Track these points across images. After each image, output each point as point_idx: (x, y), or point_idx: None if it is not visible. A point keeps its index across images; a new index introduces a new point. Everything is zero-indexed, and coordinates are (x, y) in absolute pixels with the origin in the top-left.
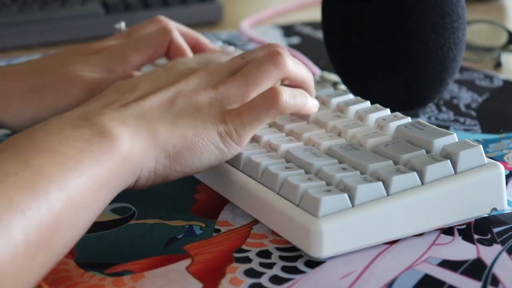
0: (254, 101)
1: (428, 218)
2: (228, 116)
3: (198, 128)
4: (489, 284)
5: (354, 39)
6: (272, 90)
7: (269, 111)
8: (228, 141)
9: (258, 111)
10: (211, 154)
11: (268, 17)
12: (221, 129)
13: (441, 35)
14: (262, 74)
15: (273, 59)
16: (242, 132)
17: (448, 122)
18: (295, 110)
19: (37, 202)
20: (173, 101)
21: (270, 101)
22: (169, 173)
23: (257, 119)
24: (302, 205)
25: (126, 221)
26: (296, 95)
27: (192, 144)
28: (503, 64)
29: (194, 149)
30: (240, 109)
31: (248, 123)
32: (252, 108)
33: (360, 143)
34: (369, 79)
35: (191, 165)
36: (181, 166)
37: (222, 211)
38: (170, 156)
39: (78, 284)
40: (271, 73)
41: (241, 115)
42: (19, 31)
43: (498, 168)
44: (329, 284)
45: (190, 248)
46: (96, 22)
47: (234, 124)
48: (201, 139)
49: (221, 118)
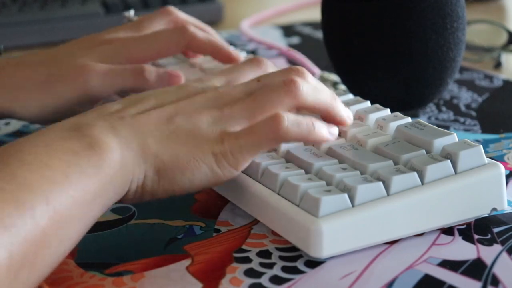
0: (256, 125)
1: (428, 218)
2: (227, 137)
3: (191, 147)
4: (489, 284)
5: (354, 39)
6: (275, 115)
7: (269, 136)
8: (223, 163)
9: (257, 135)
10: (203, 176)
11: (268, 17)
12: (216, 150)
13: (441, 35)
14: (272, 101)
15: (287, 86)
16: (239, 155)
17: (448, 122)
18: (299, 138)
19: (23, 218)
20: (172, 118)
21: (271, 126)
22: (157, 190)
23: (256, 144)
24: (302, 205)
25: (126, 221)
26: (301, 122)
27: (183, 162)
28: (503, 64)
29: (185, 168)
30: (239, 132)
31: (245, 147)
32: (252, 131)
33: (360, 143)
34: (369, 79)
35: (180, 184)
36: (170, 184)
37: (222, 211)
38: (159, 172)
39: (78, 284)
40: (281, 100)
41: (239, 137)
42: (19, 31)
43: (498, 168)
44: (329, 284)
45: (190, 248)
46: (96, 22)
47: (231, 145)
48: (193, 158)
49: (219, 138)
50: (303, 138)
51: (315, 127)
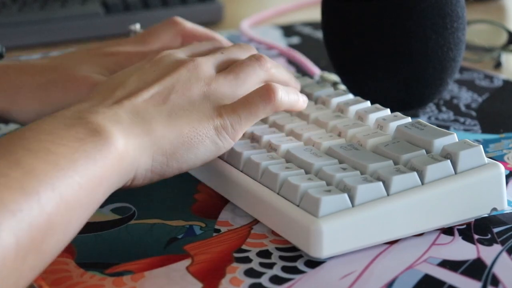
0: (250, 96)
1: (428, 218)
2: (224, 110)
3: (193, 123)
4: (489, 284)
5: (354, 39)
6: (269, 86)
7: (266, 106)
8: (223, 135)
9: (254, 106)
10: (206, 149)
11: (268, 17)
12: (217, 123)
13: (441, 35)
14: (251, 74)
15: (259, 61)
16: (238, 126)
17: (448, 122)
18: (289, 106)
19: (29, 203)
20: (166, 97)
21: (268, 97)
22: (166, 170)
23: (254, 114)
24: (302, 205)
25: (126, 221)
26: (290, 92)
27: (189, 139)
28: (503, 64)
29: (191, 144)
30: (236, 104)
31: (244, 118)
32: (249, 103)
33: (360, 143)
34: (369, 79)
35: (187, 161)
36: (178, 163)
37: (222, 211)
38: (167, 153)
39: (78, 284)
40: (258, 73)
41: (237, 109)
42: (19, 31)
43: (498, 168)
44: (329, 284)
45: (190, 248)
46: (96, 22)
47: (230, 118)
48: (197, 134)
49: (216, 112)
50: (291, 106)
51: (299, 95)
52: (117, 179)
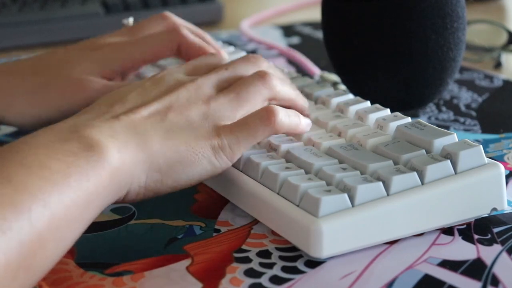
0: (249, 118)
1: (428, 218)
2: (222, 131)
3: (190, 142)
4: (489, 284)
5: (354, 39)
6: (269, 109)
7: (265, 129)
8: (220, 155)
9: (253, 129)
10: (202, 169)
11: (268, 17)
12: (214, 143)
13: (441, 35)
14: (253, 93)
15: (263, 79)
16: (236, 147)
17: (448, 122)
18: (289, 129)
19: (19, 221)
20: (165, 115)
21: (267, 119)
22: (160, 188)
23: (252, 135)
24: (302, 205)
25: (126, 221)
26: (291, 115)
27: (185, 158)
28: (503, 64)
29: (186, 163)
30: (235, 125)
31: (242, 139)
32: (248, 124)
33: (360, 143)
34: (369, 79)
35: (182, 179)
36: (172, 181)
37: (222, 211)
38: (162, 170)
39: (78, 284)
40: (261, 92)
41: (235, 131)
42: (19, 31)
43: (498, 168)
44: (329, 284)
45: (190, 248)
46: (96, 22)
47: (228, 139)
48: (193, 153)
49: (214, 132)
50: (293, 129)
51: (300, 119)
52: (110, 195)
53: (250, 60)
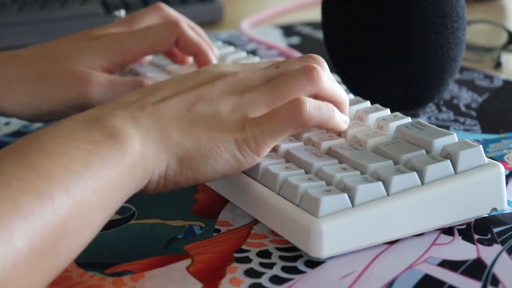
0: (276, 110)
1: (428, 218)
2: (248, 123)
3: (213, 134)
4: (489, 284)
5: (354, 39)
6: (296, 100)
7: (292, 121)
8: (245, 149)
9: (279, 121)
10: (225, 163)
11: (268, 17)
12: (238, 136)
13: (441, 35)
14: (293, 87)
15: (308, 73)
16: (261, 140)
17: (448, 122)
18: (320, 123)
19: (42, 207)
20: (193, 105)
21: (293, 111)
22: (180, 179)
23: (278, 129)
24: (302, 205)
25: (126, 221)
26: (322, 107)
27: (206, 150)
28: (503, 64)
29: (208, 155)
30: (261, 117)
31: (268, 132)
32: (274, 117)
33: (360, 143)
34: (369, 79)
35: (203, 172)
36: (193, 173)
37: (222, 211)
38: (182, 161)
39: (78, 284)
40: (302, 87)
41: (261, 123)
42: (19, 31)
43: (498, 168)
44: (329, 284)
45: (190, 248)
46: (96, 22)
47: (253, 131)
48: (215, 145)
49: (240, 125)
50: (324, 124)
51: (335, 114)
52: (133, 184)
53: (307, 59)
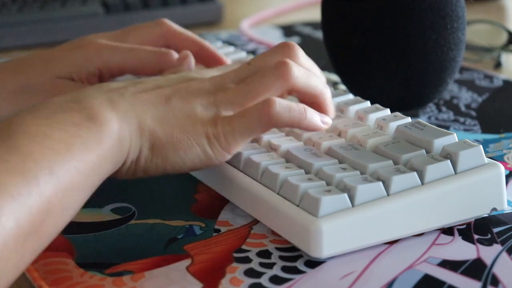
0: (248, 109)
1: (428, 218)
2: (220, 120)
3: (186, 127)
4: (489, 284)
5: (354, 39)
6: (266, 100)
7: (261, 120)
8: (215, 145)
9: (250, 120)
10: (195, 156)
11: (268, 17)
12: (209, 131)
13: (441, 35)
14: (264, 85)
15: (277, 70)
16: (231, 138)
17: (448, 122)
18: (290, 123)
19: (28, 187)
20: (170, 98)
21: (262, 110)
22: (149, 166)
23: (248, 127)
24: (302, 205)
25: (126, 221)
26: (293, 108)
27: (177, 140)
28: (503, 64)
29: (178, 146)
30: (233, 115)
31: (238, 130)
32: (245, 115)
33: (360, 143)
34: (369, 79)
35: (172, 163)
36: (163, 162)
37: (222, 211)
38: (154, 148)
39: (78, 284)
40: (273, 84)
41: (232, 121)
42: (19, 31)
43: (498, 168)
44: (329, 284)
45: (190, 248)
46: (96, 22)
47: (224, 128)
48: (186, 137)
49: (212, 121)
50: (295, 124)
51: (307, 114)
52: (110, 166)
53: (277, 52)
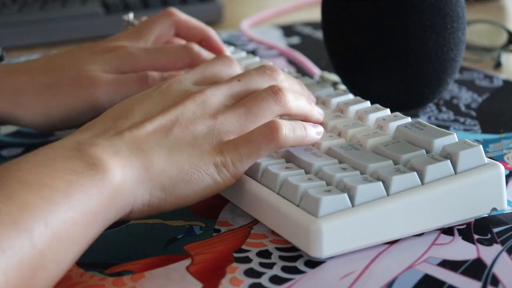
0: (253, 134)
1: (428, 218)
2: (225, 147)
3: (194, 160)
4: (489, 284)
5: (354, 39)
6: (272, 124)
7: (268, 145)
8: (224, 172)
9: (257, 145)
10: (206, 186)
11: (268, 17)
12: (217, 160)
13: (441, 35)
14: (263, 109)
15: (276, 95)
16: (239, 164)
17: (448, 122)
18: (296, 143)
19: (20, 240)
20: (169, 130)
21: (270, 135)
22: (163, 206)
23: (255, 152)
24: (302, 205)
25: (126, 221)
26: (296, 128)
27: (189, 176)
28: (503, 64)
29: (190, 181)
30: (237, 141)
31: (245, 156)
32: (251, 141)
33: (360, 143)
34: (369, 79)
35: (185, 197)
36: (176, 199)
37: (222, 211)
38: (166, 188)
39: (78, 284)
40: (272, 108)
41: (238, 147)
42: (19, 31)
43: (498, 168)
44: (329, 284)
45: (190, 248)
46: (96, 22)
47: (231, 155)
48: (197, 171)
49: (218, 149)
50: (299, 143)
51: (307, 131)
52: (113, 213)
53: (265, 72)
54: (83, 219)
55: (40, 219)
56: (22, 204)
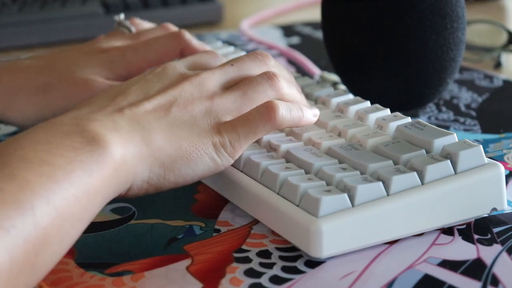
0: (250, 114)
1: (428, 218)
2: (223, 127)
3: (193, 138)
4: (489, 284)
5: (354, 39)
6: (269, 104)
7: (266, 124)
8: (222, 152)
9: (254, 124)
10: (204, 165)
11: (268, 17)
12: (215, 140)
13: (441, 35)
14: (259, 93)
15: (271, 80)
16: (237, 144)
17: (448, 122)
18: (292, 124)
19: (23, 219)
20: (168, 109)
21: (267, 115)
22: (162, 183)
23: (253, 132)
24: (302, 205)
25: (126, 221)
26: (292, 109)
27: (187, 154)
28: (503, 64)
29: (189, 159)
30: (235, 121)
31: (243, 136)
32: (248, 120)
33: (360, 143)
34: (369, 79)
35: (184, 175)
36: (175, 176)
37: (222, 211)
38: (165, 165)
39: (78, 284)
40: (267, 93)
41: (236, 127)
42: (19, 31)
43: (498, 168)
44: (329, 284)
45: (190, 248)
46: (96, 22)
47: (229, 135)
48: (195, 149)
49: (216, 129)
50: (295, 124)
51: (303, 113)
52: (113, 189)
53: (257, 58)
54: (84, 195)
55: (42, 196)
56: (23, 182)
